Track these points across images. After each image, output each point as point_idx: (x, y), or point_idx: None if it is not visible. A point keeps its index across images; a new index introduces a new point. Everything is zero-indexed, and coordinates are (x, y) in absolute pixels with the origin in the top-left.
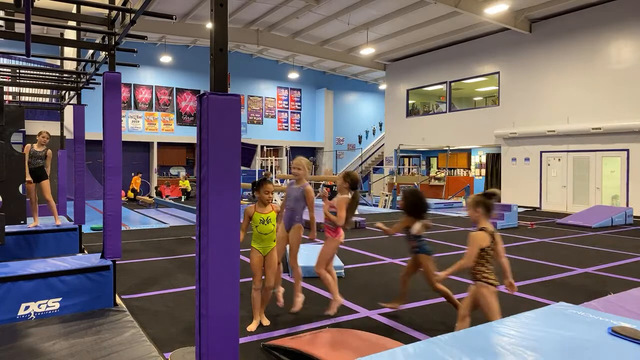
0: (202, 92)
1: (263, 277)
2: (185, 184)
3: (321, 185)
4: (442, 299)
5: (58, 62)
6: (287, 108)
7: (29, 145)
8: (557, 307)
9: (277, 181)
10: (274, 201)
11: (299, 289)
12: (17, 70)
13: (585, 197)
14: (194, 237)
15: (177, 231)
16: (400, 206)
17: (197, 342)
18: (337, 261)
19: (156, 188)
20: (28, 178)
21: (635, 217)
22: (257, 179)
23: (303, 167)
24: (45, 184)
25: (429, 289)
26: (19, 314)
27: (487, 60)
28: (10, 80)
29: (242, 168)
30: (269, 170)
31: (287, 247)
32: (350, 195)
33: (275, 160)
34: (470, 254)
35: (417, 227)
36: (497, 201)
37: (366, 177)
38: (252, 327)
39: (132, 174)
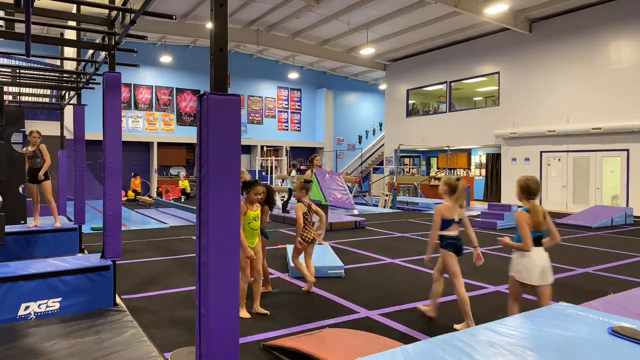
0: (202, 92)
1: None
2: (185, 184)
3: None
4: (442, 299)
5: (58, 62)
6: (287, 108)
7: (25, 148)
8: (557, 307)
9: (277, 182)
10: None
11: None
12: (17, 70)
13: (585, 197)
14: (194, 237)
15: (177, 231)
16: (263, 199)
17: (197, 342)
18: (337, 261)
19: (158, 188)
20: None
21: (635, 217)
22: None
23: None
24: (47, 184)
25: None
26: (19, 314)
27: (487, 60)
28: (10, 80)
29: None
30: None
31: (287, 247)
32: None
33: (275, 160)
34: (298, 217)
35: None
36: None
37: (366, 177)
38: (245, 314)
39: (132, 174)
